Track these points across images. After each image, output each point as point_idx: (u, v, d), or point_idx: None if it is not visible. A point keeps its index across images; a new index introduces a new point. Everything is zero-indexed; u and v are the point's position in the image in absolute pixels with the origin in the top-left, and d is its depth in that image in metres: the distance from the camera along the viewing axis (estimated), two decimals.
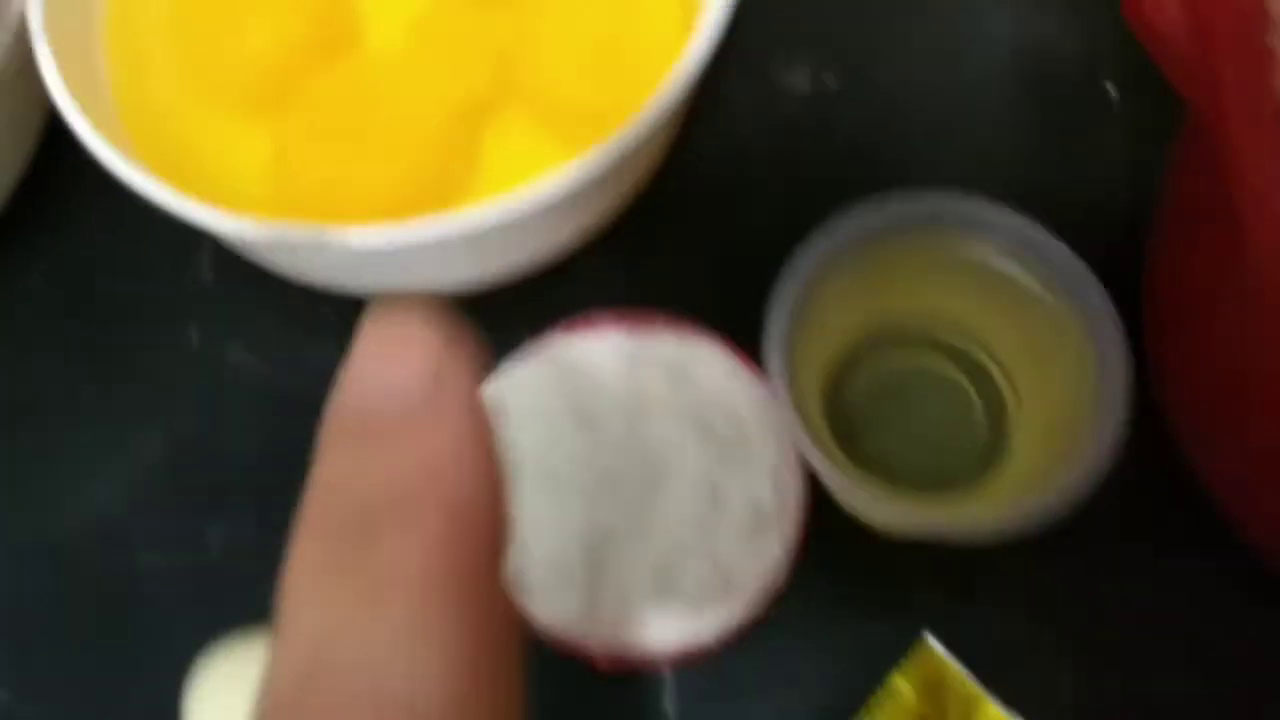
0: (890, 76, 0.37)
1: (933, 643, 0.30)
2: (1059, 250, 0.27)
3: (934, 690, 0.29)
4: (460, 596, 0.15)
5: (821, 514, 0.30)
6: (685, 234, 0.35)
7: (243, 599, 0.25)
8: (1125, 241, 0.34)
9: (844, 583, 0.31)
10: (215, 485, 0.33)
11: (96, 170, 0.29)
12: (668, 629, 0.30)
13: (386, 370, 0.16)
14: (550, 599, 0.30)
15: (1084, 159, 0.36)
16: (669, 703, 0.30)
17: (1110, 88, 0.36)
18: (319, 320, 0.34)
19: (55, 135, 0.35)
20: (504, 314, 0.32)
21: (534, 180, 0.32)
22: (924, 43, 0.37)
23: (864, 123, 0.36)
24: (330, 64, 0.32)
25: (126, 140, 0.32)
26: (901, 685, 0.29)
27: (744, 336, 0.31)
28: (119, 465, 0.33)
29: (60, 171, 0.35)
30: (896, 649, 0.30)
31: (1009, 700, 0.29)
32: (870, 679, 0.30)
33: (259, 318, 0.35)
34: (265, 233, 0.28)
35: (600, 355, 0.32)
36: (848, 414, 0.31)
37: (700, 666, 0.31)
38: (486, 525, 0.16)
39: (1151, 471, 0.31)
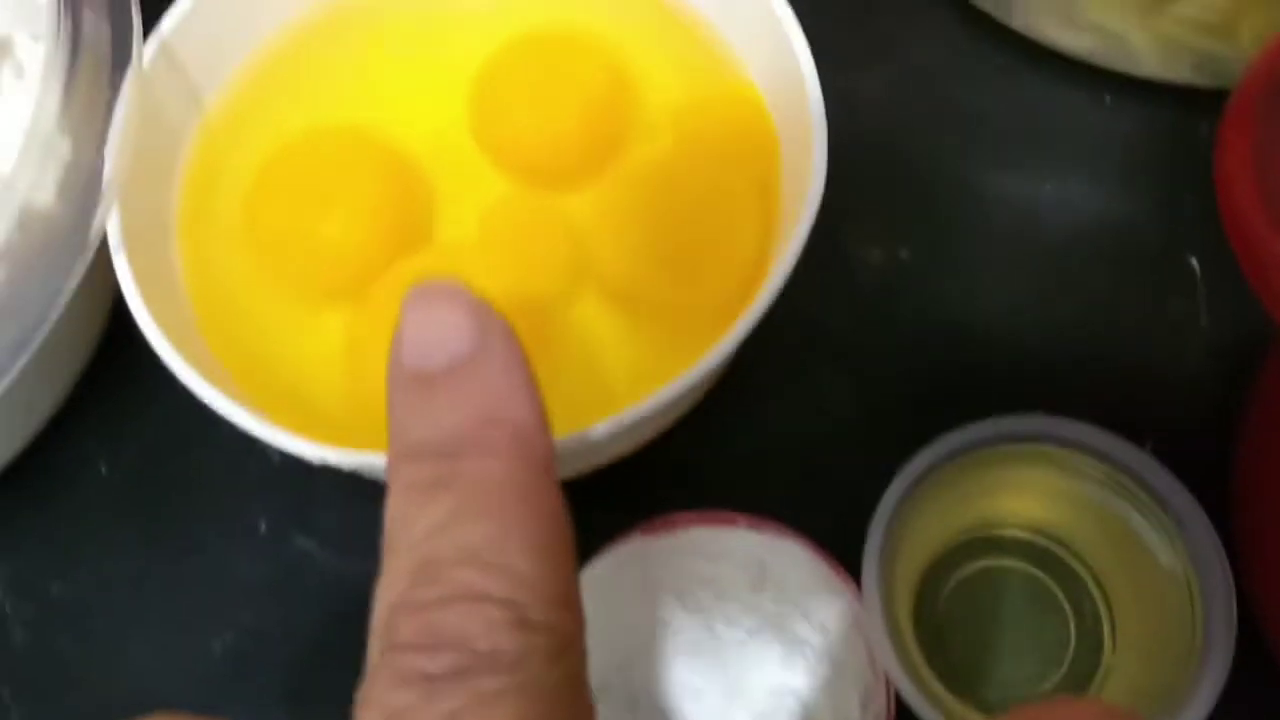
0: (969, 248, 0.36)
1: None
2: (1166, 481, 0.27)
3: None
4: (533, 498, 0.19)
5: None
6: (760, 422, 0.34)
7: None
8: (1206, 421, 0.33)
9: None
10: (287, 685, 0.32)
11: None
12: None
13: (437, 328, 0.19)
14: None
15: (1165, 334, 0.35)
16: None
17: (1194, 262, 0.35)
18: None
19: (119, 318, 0.34)
20: (575, 513, 0.31)
21: (606, 366, 0.32)
22: (1002, 214, 0.37)
23: (939, 297, 0.36)
24: (403, 258, 0.32)
25: (196, 330, 0.31)
26: None
27: (827, 532, 0.30)
28: (185, 661, 0.33)
29: (123, 356, 0.35)
30: None
31: None
32: None
33: (328, 505, 0.34)
34: (347, 459, 0.27)
35: (679, 556, 0.31)
36: (936, 617, 0.31)
37: None
38: (542, 441, 0.19)
39: (1243, 671, 0.30)
